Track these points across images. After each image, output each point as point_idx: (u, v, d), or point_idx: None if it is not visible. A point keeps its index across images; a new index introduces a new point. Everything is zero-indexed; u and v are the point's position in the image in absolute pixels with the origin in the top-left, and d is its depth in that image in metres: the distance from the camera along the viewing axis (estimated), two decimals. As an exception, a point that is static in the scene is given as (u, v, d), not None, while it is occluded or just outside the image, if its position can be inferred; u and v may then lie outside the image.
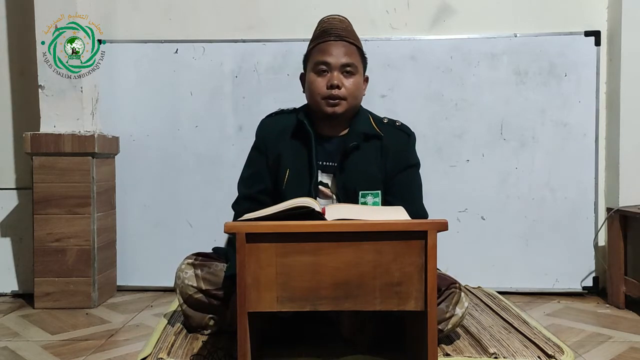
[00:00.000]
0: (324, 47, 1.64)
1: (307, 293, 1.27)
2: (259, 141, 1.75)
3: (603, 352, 1.67)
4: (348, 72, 1.63)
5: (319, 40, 1.67)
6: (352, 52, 1.65)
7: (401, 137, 1.71)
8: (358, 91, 1.67)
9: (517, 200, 2.36)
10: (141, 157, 2.41)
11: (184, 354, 1.56)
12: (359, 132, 1.67)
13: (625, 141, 2.26)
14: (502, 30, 2.36)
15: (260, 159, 1.73)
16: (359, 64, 1.66)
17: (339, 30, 1.67)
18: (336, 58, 1.62)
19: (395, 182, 1.67)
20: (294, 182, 1.65)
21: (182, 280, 1.70)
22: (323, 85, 1.63)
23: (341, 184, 1.64)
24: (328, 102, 1.63)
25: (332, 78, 1.62)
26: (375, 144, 1.68)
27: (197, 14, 2.44)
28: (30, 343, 1.77)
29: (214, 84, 2.40)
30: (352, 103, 1.65)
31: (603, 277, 2.33)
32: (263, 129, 1.76)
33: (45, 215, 2.17)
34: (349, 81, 1.63)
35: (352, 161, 1.65)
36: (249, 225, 1.27)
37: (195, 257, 1.74)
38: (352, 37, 1.68)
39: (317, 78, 1.64)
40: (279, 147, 1.69)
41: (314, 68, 1.65)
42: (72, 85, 2.21)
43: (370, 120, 1.71)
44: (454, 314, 1.58)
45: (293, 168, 1.66)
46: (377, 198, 1.64)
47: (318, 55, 1.65)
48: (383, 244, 1.26)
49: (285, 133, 1.70)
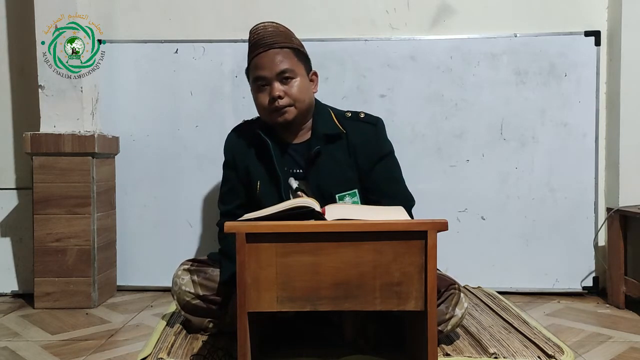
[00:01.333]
0: (257, 62, 1.64)
1: (307, 293, 1.27)
2: (227, 157, 1.78)
3: (603, 352, 1.67)
4: (287, 78, 1.62)
5: (251, 55, 1.67)
6: (286, 56, 1.63)
7: (366, 129, 1.69)
8: (303, 93, 1.65)
9: (517, 200, 2.36)
10: (141, 157, 2.41)
11: (184, 354, 1.56)
12: (320, 135, 1.66)
13: (625, 141, 2.26)
14: (502, 30, 2.36)
15: (232, 175, 1.76)
16: (296, 66, 1.64)
17: (267, 39, 1.64)
18: (270, 69, 1.61)
19: (372, 177, 1.67)
20: (266, 193, 1.66)
21: (179, 286, 1.70)
22: (266, 99, 1.64)
23: (314, 188, 1.64)
24: (275, 114, 1.63)
25: (272, 90, 1.62)
26: (341, 142, 1.67)
27: (197, 14, 2.44)
28: (30, 343, 1.77)
29: (214, 84, 2.40)
30: (300, 107, 1.65)
31: (603, 277, 2.33)
32: (229, 144, 1.79)
33: (45, 215, 2.17)
34: (290, 87, 1.63)
35: (320, 165, 1.64)
36: (249, 225, 1.27)
37: (190, 263, 1.75)
38: (283, 41, 1.65)
39: (259, 94, 1.66)
40: (246, 160, 1.72)
41: (253, 85, 1.67)
42: (72, 85, 2.21)
43: (332, 117, 1.70)
44: (453, 315, 1.59)
45: (262, 179, 1.68)
46: (355, 197, 1.64)
47: (254, 71, 1.65)
48: (383, 244, 1.26)
49: (249, 146, 1.72)
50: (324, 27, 2.37)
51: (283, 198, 1.61)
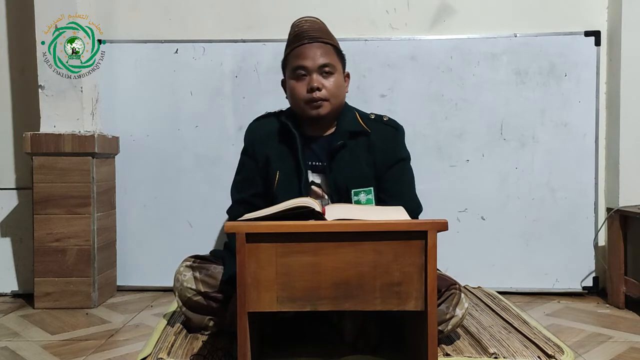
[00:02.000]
0: (300, 51, 1.65)
1: (307, 293, 1.27)
2: (247, 145, 1.77)
3: (603, 352, 1.67)
4: (327, 73, 1.64)
5: (293, 45, 1.68)
6: (329, 51, 1.65)
7: (389, 131, 1.71)
8: (339, 90, 1.67)
9: (517, 200, 2.36)
10: (141, 157, 2.41)
11: (184, 354, 1.56)
12: (345, 131, 1.67)
13: (625, 141, 2.26)
14: (502, 30, 2.36)
15: (250, 163, 1.75)
16: (336, 63, 1.67)
17: (312, 32, 1.67)
18: (313, 60, 1.63)
19: (386, 177, 1.68)
20: (285, 184, 1.66)
21: (180, 282, 1.70)
22: (304, 89, 1.64)
23: (332, 183, 1.65)
24: (311, 105, 1.64)
25: (311, 81, 1.62)
26: (362, 140, 1.68)
27: (197, 14, 2.44)
28: (30, 343, 1.77)
29: (214, 84, 2.40)
30: (334, 103, 1.66)
31: (603, 277, 2.33)
32: (251, 133, 1.78)
33: (45, 215, 2.17)
34: (329, 81, 1.64)
35: (340, 160, 1.65)
36: (249, 225, 1.27)
37: (193, 259, 1.75)
38: (326, 37, 1.68)
39: (296, 83, 1.66)
40: (267, 150, 1.71)
41: (292, 73, 1.67)
42: (72, 85, 2.21)
43: (356, 117, 1.71)
44: (454, 315, 1.59)
45: (282, 170, 1.67)
46: (369, 195, 1.65)
47: (294, 60, 1.66)
48: (383, 244, 1.26)
49: (272, 136, 1.72)
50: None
51: (302, 191, 1.62)
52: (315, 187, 1.67)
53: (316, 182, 1.67)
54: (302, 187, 1.63)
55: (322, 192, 1.66)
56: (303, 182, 1.64)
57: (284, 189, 1.64)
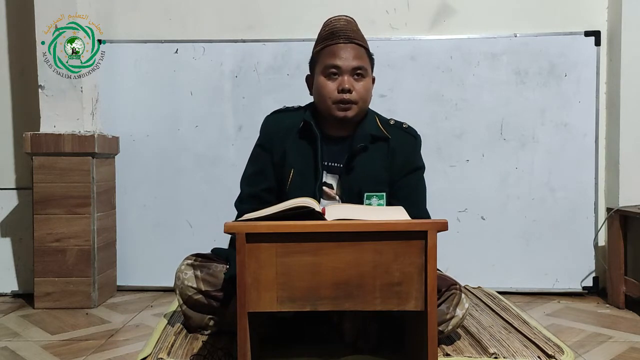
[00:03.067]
0: (334, 50, 1.61)
1: (307, 293, 1.27)
2: (263, 138, 1.72)
3: (603, 352, 1.67)
4: (359, 75, 1.61)
5: (327, 42, 1.63)
6: (362, 54, 1.63)
7: (408, 139, 1.69)
8: (368, 94, 1.65)
9: (517, 200, 2.36)
10: (141, 157, 2.41)
11: (184, 354, 1.56)
12: (367, 134, 1.65)
13: (625, 141, 2.26)
14: (502, 30, 2.36)
15: (264, 157, 1.69)
16: (368, 67, 1.64)
17: (348, 32, 1.64)
18: (347, 61, 1.60)
19: (400, 184, 1.66)
20: (298, 182, 1.63)
21: (181, 281, 1.69)
22: (334, 89, 1.60)
23: (346, 185, 1.63)
24: (339, 107, 1.60)
25: (343, 82, 1.59)
26: (381, 145, 1.66)
27: (197, 14, 2.44)
28: (30, 343, 1.77)
29: (214, 84, 2.40)
30: (362, 106, 1.64)
31: (603, 277, 2.33)
32: (268, 126, 1.72)
33: (45, 215, 2.17)
34: (359, 84, 1.61)
35: (358, 162, 1.63)
36: (249, 225, 1.27)
37: (194, 258, 1.74)
38: (360, 39, 1.66)
39: (327, 82, 1.61)
40: (284, 145, 1.66)
41: (323, 71, 1.62)
42: (72, 85, 2.21)
43: (377, 121, 1.69)
44: (454, 315, 1.58)
45: (298, 168, 1.64)
46: (382, 200, 1.63)
47: (328, 58, 1.61)
48: (383, 244, 1.26)
49: (290, 131, 1.67)
50: (324, 27, 2.37)
51: (316, 191, 1.60)
52: (327, 188, 1.65)
53: (328, 183, 1.66)
54: (317, 187, 1.61)
55: (333, 193, 1.65)
56: (318, 183, 1.62)
57: (297, 187, 1.61)
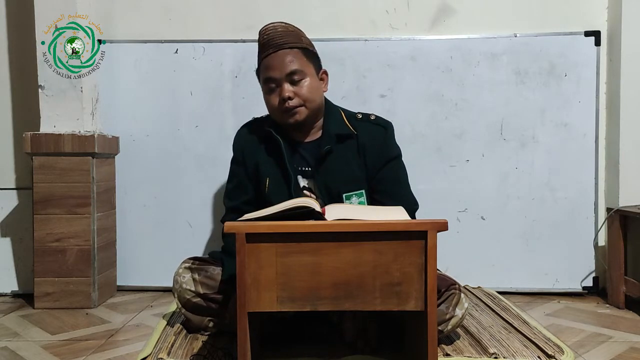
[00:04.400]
0: (266, 63, 1.64)
1: (307, 293, 1.27)
2: (236, 153, 1.78)
3: (603, 352, 1.67)
4: (296, 79, 1.62)
5: (261, 56, 1.68)
6: (296, 56, 1.63)
7: (377, 131, 1.70)
8: (313, 93, 1.65)
9: (517, 200, 2.36)
10: (141, 157, 2.41)
11: (184, 354, 1.56)
12: (332, 135, 1.66)
13: (625, 141, 2.26)
14: (502, 30, 2.36)
15: (240, 171, 1.75)
16: (305, 66, 1.64)
17: (276, 39, 1.64)
18: (280, 70, 1.61)
19: (378, 178, 1.67)
20: (275, 189, 1.66)
21: (179, 284, 1.70)
22: (276, 100, 1.64)
23: (322, 187, 1.65)
24: (286, 115, 1.64)
25: (282, 91, 1.62)
26: (351, 142, 1.67)
27: (197, 14, 2.44)
28: (30, 343, 1.77)
29: (214, 84, 2.40)
30: (311, 106, 1.65)
31: (603, 277, 2.33)
32: (239, 141, 1.79)
33: (45, 215, 2.17)
34: (300, 87, 1.63)
35: (329, 164, 1.65)
36: (249, 225, 1.27)
37: (192, 261, 1.75)
38: (292, 41, 1.65)
39: (269, 96, 1.66)
40: (255, 157, 1.71)
41: (264, 86, 1.67)
42: (72, 85, 2.21)
43: (343, 118, 1.70)
44: (454, 315, 1.59)
45: (271, 176, 1.68)
46: (361, 198, 1.64)
47: (263, 72, 1.66)
48: (383, 244, 1.26)
49: (259, 142, 1.72)
50: (324, 27, 2.37)
51: (292, 196, 1.61)
52: (308, 192, 1.66)
53: (307, 187, 1.67)
54: (292, 192, 1.63)
55: (313, 196, 1.65)
56: (293, 188, 1.64)
57: (275, 194, 1.64)
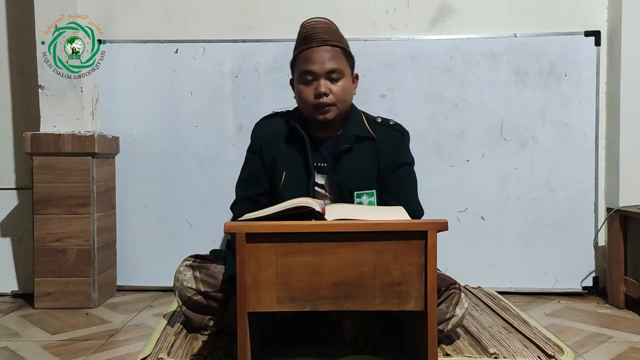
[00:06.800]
0: (307, 55, 1.64)
1: (307, 293, 1.27)
2: (254, 144, 1.76)
3: (603, 352, 1.67)
4: (334, 78, 1.63)
5: (301, 47, 1.66)
6: (336, 55, 1.64)
7: (395, 136, 1.72)
8: (347, 95, 1.67)
9: (517, 200, 2.36)
10: (141, 157, 2.41)
11: (184, 354, 1.56)
12: (352, 135, 1.67)
13: (625, 141, 2.26)
14: (502, 30, 2.36)
15: (256, 161, 1.74)
16: (344, 67, 1.65)
17: (320, 34, 1.64)
18: (320, 65, 1.62)
19: (389, 180, 1.68)
20: (291, 184, 1.66)
21: (180, 282, 1.70)
22: (311, 94, 1.63)
23: (335, 184, 1.65)
24: (318, 110, 1.63)
25: (318, 86, 1.62)
26: (368, 144, 1.68)
27: (197, 14, 2.43)
28: (30, 343, 1.77)
29: (214, 84, 2.40)
30: (341, 107, 1.66)
31: (603, 277, 2.33)
32: (258, 132, 1.77)
33: (45, 215, 2.17)
34: (336, 86, 1.63)
35: (345, 162, 1.65)
36: (249, 225, 1.27)
37: (193, 259, 1.75)
38: (335, 39, 1.66)
39: (304, 87, 1.65)
40: (274, 150, 1.70)
41: (300, 78, 1.66)
42: (72, 85, 2.21)
43: (363, 121, 1.71)
44: (454, 315, 1.59)
45: (289, 171, 1.67)
46: (372, 197, 1.65)
47: (302, 64, 1.65)
48: (383, 244, 1.26)
49: (279, 136, 1.71)
50: (324, 27, 2.36)
51: (309, 191, 1.62)
52: (319, 188, 1.67)
53: (319, 183, 1.68)
54: (310, 187, 1.63)
55: (325, 192, 1.66)
56: (311, 183, 1.64)
57: (290, 189, 1.64)
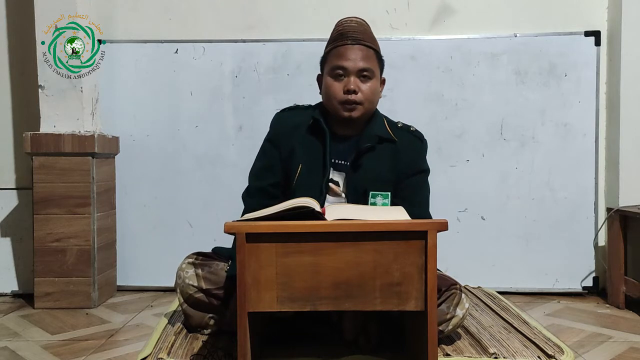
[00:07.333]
0: (341, 51, 1.64)
1: (307, 293, 1.27)
2: (273, 134, 1.75)
3: (603, 352, 1.67)
4: (365, 77, 1.63)
5: (336, 43, 1.66)
6: (370, 56, 1.65)
7: (415, 142, 1.72)
8: (374, 96, 1.67)
9: (517, 200, 2.36)
10: (141, 157, 2.41)
11: (184, 354, 1.56)
12: (374, 135, 1.67)
13: (625, 141, 2.26)
14: (502, 30, 2.36)
15: (273, 152, 1.73)
16: (375, 68, 1.66)
17: (356, 34, 1.66)
18: (353, 62, 1.62)
19: (404, 185, 1.68)
20: (306, 178, 1.65)
21: (182, 279, 1.70)
22: (340, 89, 1.63)
23: (352, 183, 1.65)
24: (345, 107, 1.63)
25: (348, 83, 1.62)
26: (388, 147, 1.68)
27: (197, 14, 2.44)
28: (30, 343, 1.77)
29: (214, 84, 2.40)
30: (368, 107, 1.66)
31: (603, 277, 2.33)
32: (278, 123, 1.76)
33: (45, 215, 2.17)
34: (365, 86, 1.63)
35: (364, 162, 1.65)
36: (249, 225, 1.27)
37: (196, 256, 1.75)
38: (369, 41, 1.67)
39: (334, 82, 1.64)
40: (293, 142, 1.69)
41: (330, 72, 1.65)
42: (72, 85, 2.21)
43: (385, 124, 1.72)
44: (454, 315, 1.59)
45: (305, 164, 1.67)
46: (386, 199, 1.64)
47: (335, 59, 1.64)
48: (383, 244, 1.26)
49: (299, 129, 1.70)
50: (324, 27, 2.33)
51: (322, 187, 1.62)
52: (333, 185, 1.66)
53: (334, 180, 1.67)
54: (324, 183, 1.63)
55: (339, 190, 1.66)
56: (325, 178, 1.64)
57: (305, 182, 1.64)
